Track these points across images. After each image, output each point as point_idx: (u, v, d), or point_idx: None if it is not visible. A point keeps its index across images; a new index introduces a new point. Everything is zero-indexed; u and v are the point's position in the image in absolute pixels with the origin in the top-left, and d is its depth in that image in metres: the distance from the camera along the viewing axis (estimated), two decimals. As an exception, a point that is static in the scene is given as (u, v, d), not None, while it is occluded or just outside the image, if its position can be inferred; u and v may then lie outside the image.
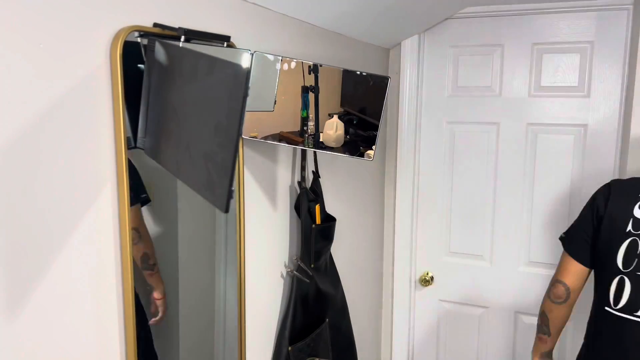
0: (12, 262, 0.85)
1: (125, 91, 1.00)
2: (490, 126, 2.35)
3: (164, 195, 1.23)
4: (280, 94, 1.33)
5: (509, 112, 2.30)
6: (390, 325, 2.64)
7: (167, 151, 1.04)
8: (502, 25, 2.28)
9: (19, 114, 0.84)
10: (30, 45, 0.85)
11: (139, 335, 1.08)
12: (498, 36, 2.29)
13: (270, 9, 1.47)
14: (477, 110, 2.36)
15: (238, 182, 1.35)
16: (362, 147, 1.41)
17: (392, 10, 1.93)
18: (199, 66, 0.93)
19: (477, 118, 2.37)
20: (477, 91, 2.36)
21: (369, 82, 1.40)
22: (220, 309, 1.42)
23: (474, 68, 2.35)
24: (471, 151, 2.40)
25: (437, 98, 2.43)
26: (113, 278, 1.04)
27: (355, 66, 2.04)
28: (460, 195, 2.45)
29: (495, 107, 2.33)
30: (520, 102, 2.28)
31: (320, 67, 1.35)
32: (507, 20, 2.26)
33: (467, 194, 2.44)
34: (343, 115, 1.40)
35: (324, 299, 1.77)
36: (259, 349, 1.58)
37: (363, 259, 2.37)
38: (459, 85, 2.38)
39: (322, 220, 1.71)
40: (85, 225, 0.97)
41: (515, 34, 2.25)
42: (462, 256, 2.50)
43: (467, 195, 2.44)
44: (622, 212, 1.53)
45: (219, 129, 0.85)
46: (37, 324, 0.90)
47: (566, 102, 2.21)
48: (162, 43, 1.02)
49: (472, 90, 2.36)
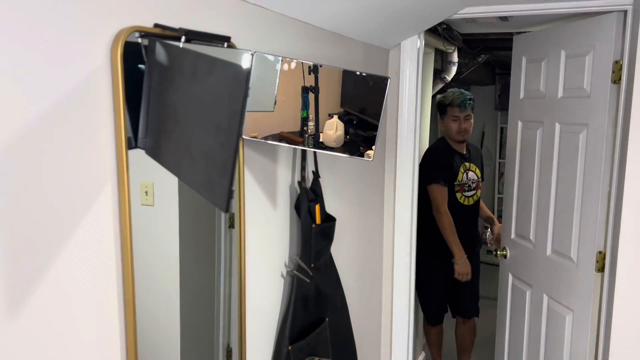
0: (12, 262, 0.85)
1: (126, 91, 1.01)
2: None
3: (164, 195, 1.24)
4: (280, 94, 1.33)
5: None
6: (390, 325, 2.64)
7: (168, 151, 1.04)
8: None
9: (19, 114, 0.84)
10: (31, 46, 0.85)
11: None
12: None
13: (270, 9, 1.48)
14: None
15: (238, 182, 1.35)
16: (362, 147, 1.41)
17: (392, 10, 1.94)
18: (200, 67, 0.93)
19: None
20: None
21: (368, 83, 1.40)
22: (221, 308, 1.42)
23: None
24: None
25: (437, 98, 2.43)
26: (114, 278, 1.04)
27: (355, 66, 2.04)
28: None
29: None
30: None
31: (320, 67, 1.35)
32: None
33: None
34: (343, 115, 1.41)
35: (324, 298, 1.78)
36: (259, 348, 1.58)
37: (363, 259, 2.37)
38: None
39: (322, 220, 1.71)
40: (85, 225, 0.97)
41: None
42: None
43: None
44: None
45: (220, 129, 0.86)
46: (38, 324, 0.90)
47: (566, 102, 2.21)
48: (162, 43, 1.02)
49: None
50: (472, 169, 2.96)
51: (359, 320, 2.35)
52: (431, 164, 2.84)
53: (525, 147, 2.44)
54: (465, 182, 2.89)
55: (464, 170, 2.89)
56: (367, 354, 2.50)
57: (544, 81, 2.32)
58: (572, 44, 2.19)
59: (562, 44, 2.21)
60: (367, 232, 2.39)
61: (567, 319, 2.25)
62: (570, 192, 2.19)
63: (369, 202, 2.38)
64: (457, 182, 2.86)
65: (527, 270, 2.45)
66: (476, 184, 2.96)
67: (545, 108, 2.29)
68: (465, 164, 2.92)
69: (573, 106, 2.19)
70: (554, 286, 2.30)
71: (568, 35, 2.20)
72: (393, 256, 2.58)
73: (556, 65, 2.23)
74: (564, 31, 2.22)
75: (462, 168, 2.88)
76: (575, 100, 2.18)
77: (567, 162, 2.23)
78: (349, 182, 2.16)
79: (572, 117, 2.19)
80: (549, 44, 2.29)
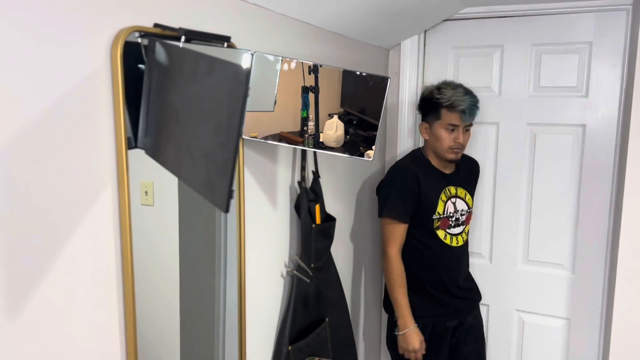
0: (12, 262, 0.85)
1: (126, 91, 1.01)
2: (490, 126, 2.35)
3: (164, 195, 1.23)
4: (280, 94, 1.33)
5: (508, 112, 2.31)
6: (390, 325, 2.64)
7: (168, 151, 1.04)
8: (502, 26, 2.28)
9: (19, 114, 0.84)
10: (30, 46, 0.85)
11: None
12: (498, 37, 2.29)
13: (270, 9, 1.47)
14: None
15: (238, 182, 1.35)
16: (362, 147, 1.41)
17: (392, 10, 1.94)
18: (200, 66, 0.93)
19: (477, 118, 2.36)
20: (477, 91, 2.35)
21: (368, 83, 1.40)
22: (220, 309, 1.42)
23: (474, 68, 2.35)
24: (470, 151, 2.40)
25: (437, 98, 2.42)
26: (113, 278, 1.04)
27: (355, 66, 2.04)
28: (460, 195, 2.44)
29: (495, 107, 2.33)
30: (520, 102, 2.28)
31: (320, 67, 1.35)
32: (507, 21, 2.27)
33: (466, 194, 2.43)
34: (343, 115, 1.41)
35: (324, 298, 1.78)
36: (259, 348, 1.58)
37: (363, 259, 2.37)
38: (459, 85, 2.38)
39: (322, 220, 1.71)
40: (85, 225, 0.97)
41: (515, 34, 2.26)
42: (461, 256, 2.50)
43: (466, 195, 2.43)
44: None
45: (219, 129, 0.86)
46: (37, 324, 0.90)
47: (565, 102, 2.21)
48: (162, 43, 1.02)
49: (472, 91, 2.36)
50: (461, 194, 2.10)
51: (359, 320, 2.35)
52: (388, 189, 2.03)
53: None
54: (449, 214, 2.06)
55: (446, 198, 2.05)
56: (367, 354, 2.51)
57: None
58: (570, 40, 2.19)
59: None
60: (367, 232, 2.39)
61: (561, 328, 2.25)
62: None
63: (369, 202, 2.38)
64: (437, 215, 2.02)
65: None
66: (466, 216, 2.12)
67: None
68: (450, 189, 2.07)
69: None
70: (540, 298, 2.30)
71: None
72: (393, 256, 2.58)
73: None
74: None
75: (443, 195, 2.04)
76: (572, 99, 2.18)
77: (558, 165, 2.23)
78: (349, 182, 2.16)
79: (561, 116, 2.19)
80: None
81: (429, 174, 2.04)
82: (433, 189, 2.02)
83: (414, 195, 1.99)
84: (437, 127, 2.00)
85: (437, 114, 1.99)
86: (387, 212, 2.00)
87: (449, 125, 1.97)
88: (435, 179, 2.05)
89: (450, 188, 2.08)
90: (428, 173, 2.04)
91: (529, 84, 2.26)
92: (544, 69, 2.23)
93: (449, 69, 2.39)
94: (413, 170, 2.01)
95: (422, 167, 2.05)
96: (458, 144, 1.99)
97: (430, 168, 2.06)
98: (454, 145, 1.98)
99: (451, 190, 2.08)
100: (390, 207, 1.99)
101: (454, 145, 1.98)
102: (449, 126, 1.97)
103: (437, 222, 2.03)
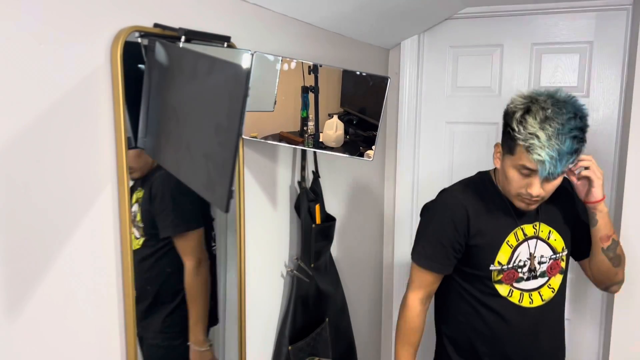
0: (12, 262, 0.85)
1: (126, 91, 1.00)
2: (490, 126, 2.35)
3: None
4: (280, 94, 1.33)
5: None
6: (390, 325, 2.64)
7: (168, 151, 1.04)
8: (502, 25, 2.28)
9: (19, 114, 0.84)
10: (30, 46, 0.85)
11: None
12: (498, 36, 2.29)
13: (270, 9, 1.47)
14: (477, 110, 2.36)
15: (238, 182, 1.35)
16: (362, 147, 1.41)
17: (392, 10, 1.94)
18: (199, 66, 0.93)
19: (477, 118, 2.37)
20: (476, 91, 2.36)
21: (368, 82, 1.40)
22: (221, 308, 1.42)
23: (474, 68, 2.35)
24: (471, 151, 2.40)
25: (437, 98, 2.43)
26: (113, 278, 1.04)
27: (355, 66, 2.04)
28: (460, 195, 2.44)
29: (495, 107, 2.33)
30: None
31: (320, 67, 1.35)
32: (507, 20, 2.27)
33: (466, 194, 2.43)
34: (343, 115, 1.40)
35: (324, 298, 1.78)
36: (259, 349, 1.58)
37: (363, 259, 2.37)
38: (459, 85, 2.38)
39: (322, 220, 1.71)
40: (85, 225, 0.97)
41: (515, 34, 2.26)
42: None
43: (466, 195, 2.43)
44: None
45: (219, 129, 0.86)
46: (37, 324, 0.90)
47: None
48: (162, 43, 1.02)
49: (472, 90, 2.36)
50: (544, 234, 1.52)
51: (359, 320, 2.35)
52: (424, 221, 1.58)
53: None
54: (519, 263, 1.49)
55: (516, 242, 1.49)
56: (367, 354, 2.50)
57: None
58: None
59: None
60: (367, 232, 2.39)
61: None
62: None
63: (369, 202, 2.38)
64: (496, 266, 1.48)
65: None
66: (551, 263, 1.52)
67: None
68: (525, 229, 1.50)
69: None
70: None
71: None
72: (393, 256, 2.58)
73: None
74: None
75: (512, 238, 1.49)
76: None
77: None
78: (349, 182, 2.16)
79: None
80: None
81: (493, 208, 1.49)
82: (495, 230, 1.49)
83: (456, 237, 1.48)
84: (507, 163, 1.40)
85: (511, 145, 1.38)
86: (413, 253, 1.56)
87: (522, 167, 1.36)
88: (501, 216, 1.49)
89: (526, 227, 1.50)
90: (491, 206, 1.50)
91: (529, 84, 2.26)
92: (544, 69, 2.23)
93: (448, 68, 2.39)
94: (462, 202, 1.50)
95: (483, 197, 1.51)
96: (530, 198, 1.39)
97: (496, 199, 1.50)
98: (524, 194, 1.39)
99: (527, 230, 1.50)
100: (418, 248, 1.55)
101: (524, 194, 1.39)
102: (522, 168, 1.36)
103: (498, 275, 1.49)
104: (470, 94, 2.37)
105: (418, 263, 1.54)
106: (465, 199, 1.51)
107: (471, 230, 1.48)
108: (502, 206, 1.49)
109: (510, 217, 1.49)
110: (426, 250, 1.53)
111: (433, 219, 1.55)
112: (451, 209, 1.51)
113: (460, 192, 1.55)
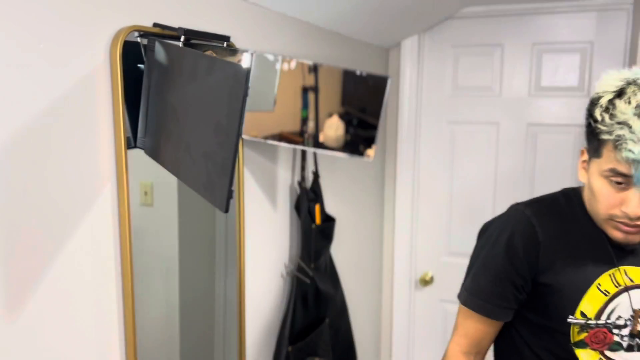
0: (12, 262, 0.85)
1: (125, 91, 1.00)
2: (490, 126, 2.35)
3: (163, 195, 1.23)
4: (280, 94, 1.33)
5: (508, 112, 2.31)
6: (390, 325, 2.64)
7: (167, 151, 1.04)
8: (502, 25, 2.28)
9: (18, 113, 0.84)
10: (30, 45, 0.85)
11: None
12: (498, 36, 2.29)
13: (270, 8, 1.47)
14: (477, 110, 2.36)
15: (238, 182, 1.35)
16: (362, 147, 1.41)
17: (392, 10, 1.93)
18: (199, 66, 0.93)
19: (477, 118, 2.37)
20: (477, 91, 2.35)
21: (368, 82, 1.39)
22: (220, 309, 1.42)
23: (474, 68, 2.35)
24: (471, 151, 2.40)
25: (437, 98, 2.43)
26: (113, 278, 1.04)
27: (355, 66, 2.04)
28: (460, 195, 2.45)
29: (495, 107, 2.32)
30: (520, 102, 2.28)
31: (320, 67, 1.35)
32: (507, 20, 2.27)
33: (467, 194, 2.43)
34: (343, 115, 1.40)
35: (323, 299, 1.77)
36: (259, 349, 1.58)
37: (363, 259, 2.37)
38: (459, 85, 2.38)
39: (322, 220, 1.71)
40: (85, 225, 0.97)
41: (515, 33, 2.25)
42: (462, 256, 2.49)
43: (467, 195, 2.43)
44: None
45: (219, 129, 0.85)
46: (37, 324, 0.90)
47: (566, 102, 2.21)
48: (162, 43, 1.02)
49: (472, 90, 2.36)
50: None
51: (359, 320, 2.35)
52: (479, 246, 1.19)
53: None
54: (616, 322, 1.05)
55: (614, 288, 1.06)
56: (367, 355, 2.50)
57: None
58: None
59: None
60: (367, 232, 2.39)
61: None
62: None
63: (369, 202, 2.38)
64: (581, 318, 1.05)
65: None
66: None
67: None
68: (626, 272, 1.06)
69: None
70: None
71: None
72: (393, 256, 2.58)
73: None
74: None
75: (604, 280, 1.05)
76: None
77: (559, 165, 2.22)
78: (349, 182, 2.16)
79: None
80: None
81: (579, 237, 1.08)
82: (578, 267, 1.06)
83: (517, 270, 1.08)
84: (593, 170, 1.03)
85: (595, 144, 1.01)
86: (461, 290, 1.18)
87: (611, 172, 0.97)
88: (590, 249, 1.07)
89: (631, 270, 1.06)
90: (576, 234, 1.09)
91: (529, 84, 2.26)
92: (544, 69, 2.23)
93: (448, 68, 2.39)
94: (530, 221, 1.09)
95: (564, 220, 1.10)
96: (625, 216, 0.99)
97: (585, 227, 1.08)
98: (619, 215, 0.99)
99: (632, 274, 1.06)
100: (466, 282, 1.18)
101: (619, 215, 0.99)
102: (611, 174, 0.98)
103: (580, 333, 1.05)
104: (471, 94, 2.36)
105: (463, 302, 1.16)
106: (536, 217, 1.09)
107: (541, 262, 1.06)
108: (593, 236, 1.07)
109: (606, 253, 1.05)
110: (475, 286, 1.13)
111: (488, 243, 1.14)
112: (514, 229, 1.09)
113: (532, 208, 1.11)
